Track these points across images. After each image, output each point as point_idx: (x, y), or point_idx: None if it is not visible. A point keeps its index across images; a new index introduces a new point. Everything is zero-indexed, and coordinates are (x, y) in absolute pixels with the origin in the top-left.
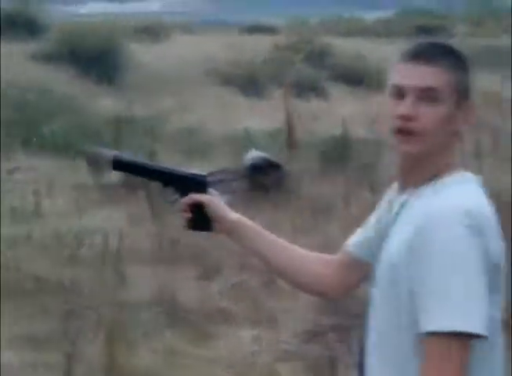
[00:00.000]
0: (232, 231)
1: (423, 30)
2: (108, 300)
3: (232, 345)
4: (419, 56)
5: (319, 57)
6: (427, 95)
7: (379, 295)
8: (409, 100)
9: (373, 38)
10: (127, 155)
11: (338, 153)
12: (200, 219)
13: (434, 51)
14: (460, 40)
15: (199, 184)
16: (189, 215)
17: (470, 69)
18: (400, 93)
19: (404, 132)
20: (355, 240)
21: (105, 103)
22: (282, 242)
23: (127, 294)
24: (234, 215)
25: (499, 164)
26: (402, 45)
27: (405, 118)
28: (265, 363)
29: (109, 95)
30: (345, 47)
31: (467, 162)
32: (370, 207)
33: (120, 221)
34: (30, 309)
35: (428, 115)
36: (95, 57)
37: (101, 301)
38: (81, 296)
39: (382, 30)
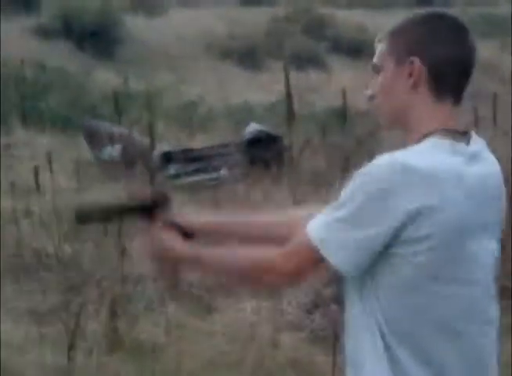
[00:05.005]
0: (208, 233)
1: (424, 0)
2: (110, 274)
3: (235, 317)
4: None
5: (318, 28)
6: (374, 70)
7: None
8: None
9: (373, 9)
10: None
11: (338, 125)
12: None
13: (386, 32)
14: (459, 9)
15: (158, 204)
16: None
17: (412, 28)
18: None
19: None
20: None
21: (102, 78)
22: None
23: (129, 268)
24: (201, 219)
25: (497, 133)
26: (402, 15)
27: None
28: (267, 335)
29: (107, 69)
30: (345, 18)
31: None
32: None
33: (119, 196)
34: (32, 285)
35: (375, 89)
36: (92, 31)
37: (103, 275)
38: (83, 271)
39: (382, 1)
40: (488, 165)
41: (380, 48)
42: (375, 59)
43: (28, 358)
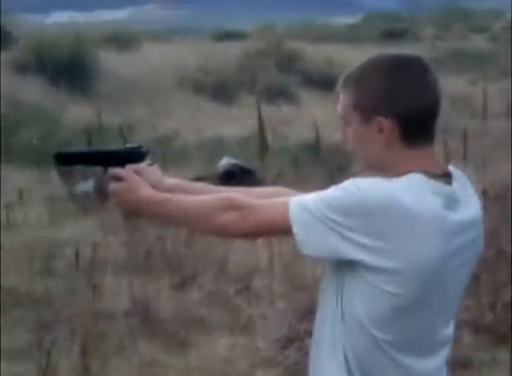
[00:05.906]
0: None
1: (391, 34)
2: (82, 311)
3: (209, 353)
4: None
5: (288, 63)
6: (342, 121)
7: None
8: (341, 127)
9: (342, 43)
10: (66, 149)
11: (310, 157)
12: None
13: (345, 78)
14: (428, 43)
15: (135, 156)
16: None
17: (374, 80)
18: None
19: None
20: None
21: (76, 113)
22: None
23: (101, 304)
24: (171, 180)
25: (468, 167)
26: (371, 50)
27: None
28: (242, 371)
29: (80, 104)
30: (314, 52)
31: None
32: None
33: (93, 231)
34: (3, 322)
35: (347, 137)
36: (64, 66)
37: (75, 312)
38: (55, 308)
39: (350, 35)
40: (470, 204)
41: (341, 98)
42: (340, 112)
43: None
